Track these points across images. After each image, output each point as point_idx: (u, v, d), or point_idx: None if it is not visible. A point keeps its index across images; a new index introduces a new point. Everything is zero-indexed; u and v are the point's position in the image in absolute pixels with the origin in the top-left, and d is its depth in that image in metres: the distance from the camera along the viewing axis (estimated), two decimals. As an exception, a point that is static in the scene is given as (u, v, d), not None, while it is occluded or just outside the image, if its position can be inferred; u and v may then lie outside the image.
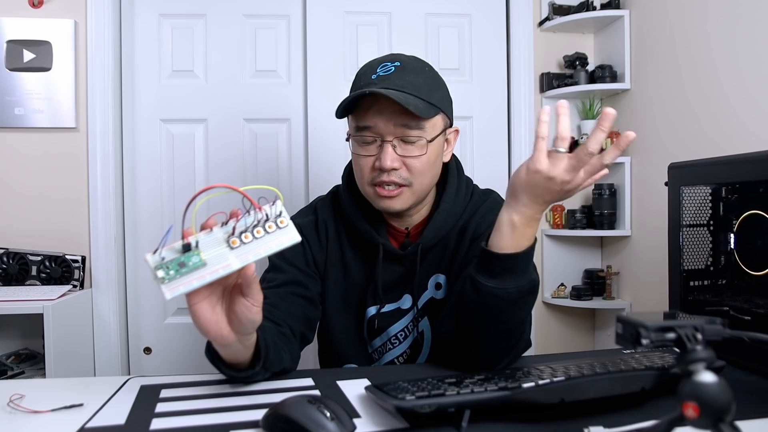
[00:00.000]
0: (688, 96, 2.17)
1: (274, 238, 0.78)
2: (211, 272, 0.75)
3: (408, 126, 1.15)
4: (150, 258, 0.74)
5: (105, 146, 2.39)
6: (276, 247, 0.78)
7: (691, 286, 1.19)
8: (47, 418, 0.83)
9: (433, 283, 1.26)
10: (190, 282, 0.74)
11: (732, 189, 1.12)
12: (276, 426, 0.76)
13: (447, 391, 0.77)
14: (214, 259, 0.76)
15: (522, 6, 2.66)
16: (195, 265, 0.75)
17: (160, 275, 0.73)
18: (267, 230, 0.78)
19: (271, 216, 0.79)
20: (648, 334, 0.59)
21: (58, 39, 2.35)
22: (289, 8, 2.55)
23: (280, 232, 0.79)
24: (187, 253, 0.75)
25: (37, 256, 2.28)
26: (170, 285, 0.73)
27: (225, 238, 0.77)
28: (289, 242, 0.79)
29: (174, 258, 0.75)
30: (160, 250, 0.75)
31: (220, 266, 0.76)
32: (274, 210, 0.79)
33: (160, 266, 0.74)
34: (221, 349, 0.89)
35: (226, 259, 0.76)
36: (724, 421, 0.54)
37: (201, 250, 0.76)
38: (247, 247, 0.77)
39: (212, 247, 0.77)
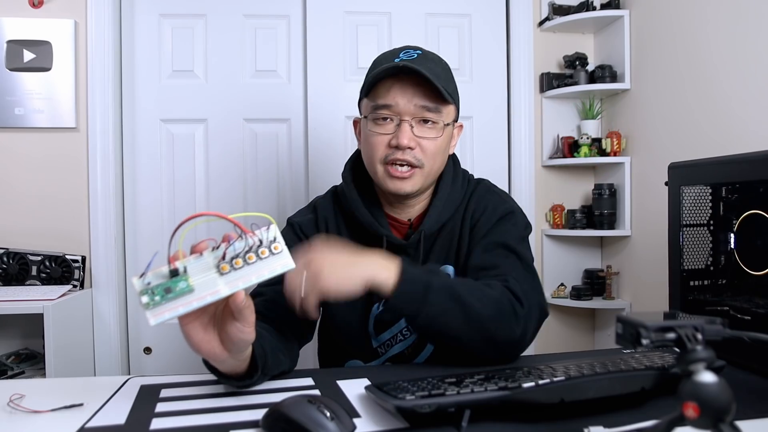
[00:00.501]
0: (688, 96, 2.17)
1: (266, 265, 0.76)
2: (198, 299, 0.73)
3: (427, 108, 1.19)
4: (136, 282, 0.72)
5: (105, 146, 2.39)
6: (268, 274, 0.75)
7: (691, 286, 1.19)
8: (47, 418, 0.83)
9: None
10: (176, 308, 0.72)
11: (732, 189, 1.12)
12: (276, 426, 0.75)
13: (447, 391, 0.77)
14: (202, 285, 0.73)
15: (522, 6, 2.66)
16: (182, 291, 0.72)
17: (144, 301, 0.71)
18: (260, 256, 0.75)
19: (265, 241, 0.76)
20: (648, 334, 0.59)
21: (58, 39, 2.35)
22: (289, 8, 2.56)
23: (273, 259, 0.76)
24: (174, 278, 0.73)
25: (38, 256, 2.28)
26: (155, 311, 0.71)
27: (215, 264, 0.75)
28: (283, 269, 0.76)
29: (160, 283, 0.72)
30: (146, 275, 0.72)
31: (208, 293, 0.73)
32: (268, 235, 0.76)
33: (145, 291, 0.72)
34: (216, 364, 0.88)
35: (215, 286, 0.74)
36: (724, 421, 0.54)
37: (189, 276, 0.73)
38: (237, 274, 0.74)
39: (201, 272, 0.74)
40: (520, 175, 2.66)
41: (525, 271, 1.18)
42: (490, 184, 1.36)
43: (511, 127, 2.68)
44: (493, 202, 1.28)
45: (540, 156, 2.73)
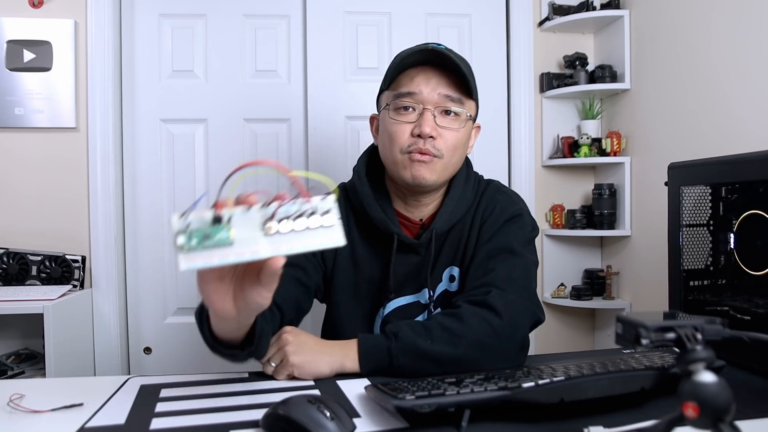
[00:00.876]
0: (688, 96, 2.17)
1: (315, 236, 0.70)
2: (236, 254, 0.66)
3: (451, 98, 1.19)
4: (175, 221, 0.65)
5: (105, 146, 2.39)
6: (314, 245, 0.69)
7: (691, 286, 1.19)
8: (47, 418, 0.83)
9: (447, 275, 1.26)
10: (211, 258, 0.65)
11: (732, 189, 1.12)
12: (276, 426, 0.75)
13: (447, 391, 0.77)
14: (243, 240, 0.67)
15: (522, 6, 2.66)
16: (221, 241, 0.66)
17: (180, 242, 0.65)
18: (310, 225, 0.69)
19: (319, 210, 0.70)
20: (648, 334, 0.59)
21: (58, 39, 2.35)
22: (289, 8, 2.56)
23: (323, 231, 0.70)
24: (216, 225, 0.67)
25: (37, 256, 2.28)
26: (189, 255, 0.65)
27: (261, 221, 0.69)
28: (331, 244, 0.70)
29: (200, 227, 0.66)
30: (188, 215, 0.66)
31: (247, 250, 0.67)
32: (324, 205, 0.71)
33: (183, 231, 0.65)
34: (215, 320, 0.86)
35: (256, 244, 0.68)
36: (724, 421, 0.54)
37: (232, 227, 0.67)
38: (282, 238, 0.68)
39: (245, 226, 0.68)
40: (520, 175, 2.66)
41: (520, 277, 1.15)
42: (500, 184, 1.34)
43: (511, 127, 2.68)
44: (501, 203, 1.27)
45: (540, 156, 2.73)
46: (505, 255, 1.18)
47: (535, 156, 2.71)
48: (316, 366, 1.01)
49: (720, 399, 0.54)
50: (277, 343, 1.04)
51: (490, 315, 1.05)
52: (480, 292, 1.11)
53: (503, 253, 1.18)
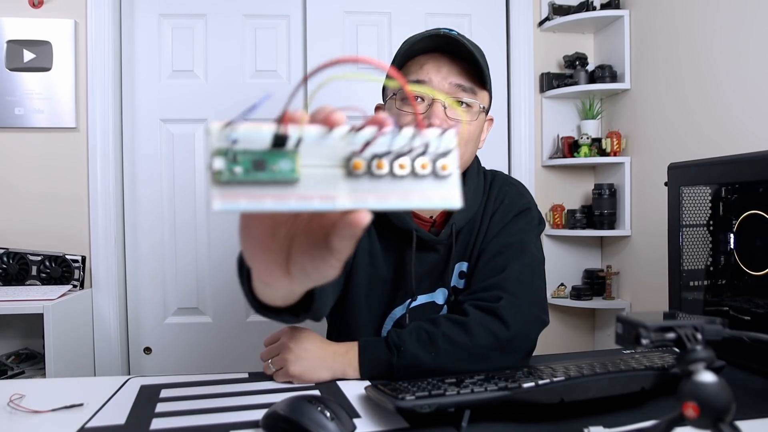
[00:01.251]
0: (688, 96, 2.17)
1: (421, 188, 0.46)
2: (300, 197, 0.44)
3: (463, 88, 1.12)
4: (214, 131, 0.42)
5: (105, 146, 2.39)
6: (418, 202, 0.46)
7: (691, 286, 1.19)
8: (47, 418, 0.83)
9: (457, 271, 1.21)
10: (262, 199, 0.43)
11: (732, 189, 1.12)
12: (276, 426, 0.75)
13: (447, 391, 0.77)
14: (314, 178, 0.44)
15: (522, 6, 2.66)
16: (281, 175, 0.43)
17: (217, 166, 0.41)
18: (416, 170, 0.46)
19: (433, 150, 0.47)
20: (648, 334, 0.59)
21: (58, 39, 2.35)
22: (289, 8, 2.56)
23: (434, 183, 0.47)
24: (276, 149, 0.43)
25: (38, 256, 2.28)
26: (227, 190, 0.42)
27: (346, 155, 0.45)
28: (443, 204, 0.46)
29: (252, 149, 0.43)
30: (235, 126, 0.42)
31: (317, 194, 0.44)
32: (442, 143, 0.47)
33: (223, 151, 0.42)
34: (259, 285, 0.66)
35: (333, 188, 0.45)
36: (724, 421, 0.54)
37: (300, 155, 0.44)
38: (373, 183, 0.46)
39: (319, 158, 0.45)
40: (520, 175, 2.66)
41: (529, 278, 1.12)
42: (505, 175, 1.30)
43: (511, 127, 2.69)
44: (510, 196, 1.23)
45: (540, 156, 2.73)
46: (514, 252, 1.14)
47: (535, 156, 2.71)
48: (316, 375, 1.00)
49: (720, 399, 0.54)
50: (277, 348, 1.02)
51: (498, 326, 1.02)
52: (489, 296, 1.08)
53: (512, 249, 1.15)
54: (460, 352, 1.00)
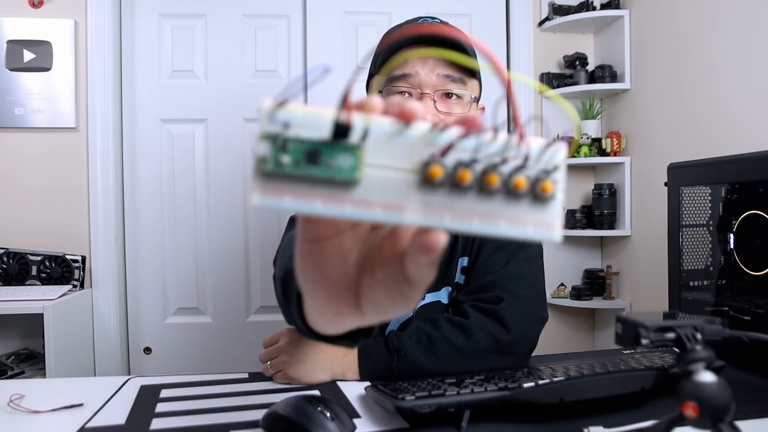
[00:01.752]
0: (688, 96, 2.18)
1: (513, 211, 0.38)
2: (358, 203, 0.36)
3: (452, 79, 1.08)
4: (266, 109, 0.35)
5: (105, 146, 2.39)
6: (507, 228, 0.37)
7: (691, 286, 1.19)
8: (47, 418, 0.83)
9: (459, 267, 1.19)
10: (310, 198, 0.35)
11: (731, 189, 1.13)
12: (276, 426, 0.76)
13: (447, 392, 0.77)
14: (378, 181, 0.36)
15: (522, 6, 2.67)
16: (338, 173, 0.35)
17: (261, 152, 0.34)
18: (511, 188, 0.37)
19: (535, 164, 0.39)
20: (648, 334, 0.59)
21: (59, 39, 2.35)
22: (289, 8, 2.56)
23: (531, 206, 0.38)
24: (337, 141, 0.36)
25: (38, 256, 2.28)
26: (271, 183, 0.35)
27: (422, 158, 0.37)
28: (538, 235, 0.38)
29: (306, 136, 0.35)
30: (289, 105, 0.35)
31: (380, 202, 0.36)
32: (549, 158, 0.39)
33: (271, 136, 0.35)
34: (319, 320, 0.52)
35: (401, 197, 0.36)
36: (724, 421, 0.54)
37: (365, 152, 0.36)
38: (452, 198, 0.37)
39: (389, 158, 0.36)
40: (520, 175, 2.67)
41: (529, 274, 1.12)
42: None
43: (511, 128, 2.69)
44: None
45: (540, 156, 2.73)
46: (513, 247, 1.14)
47: (535, 156, 2.71)
48: (315, 377, 1.00)
49: (720, 399, 0.55)
50: (275, 350, 1.02)
51: (498, 330, 1.02)
52: (489, 297, 1.07)
53: (511, 244, 1.13)
54: (461, 355, 1.00)
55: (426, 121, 0.37)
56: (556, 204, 0.38)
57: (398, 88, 1.07)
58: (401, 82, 1.07)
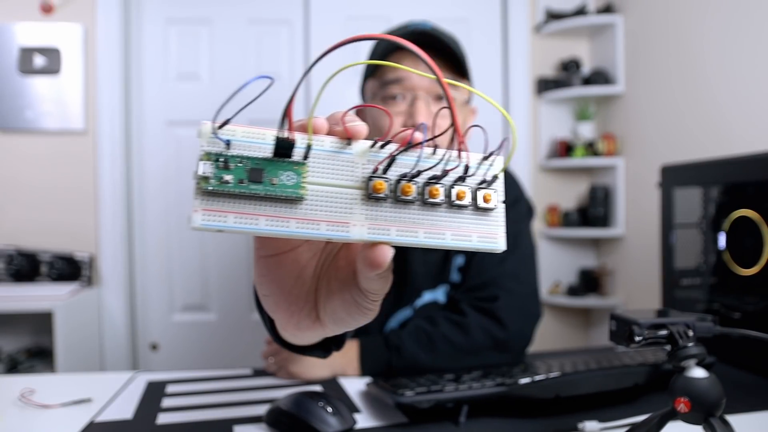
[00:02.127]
0: (681, 99, 2.20)
1: (456, 222, 0.38)
2: (303, 221, 0.36)
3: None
4: (206, 131, 0.36)
5: (113, 148, 2.41)
6: (452, 240, 0.38)
7: (683, 285, 1.20)
8: (57, 413, 0.84)
9: (455, 265, 1.20)
10: (254, 218, 0.35)
11: (723, 190, 1.14)
12: (278, 421, 0.77)
13: (445, 387, 0.78)
14: (322, 198, 0.36)
15: (518, 11, 2.68)
16: (281, 190, 0.35)
17: (203, 171, 0.35)
18: (452, 199, 0.38)
19: (476, 175, 0.39)
20: (641, 331, 0.59)
21: (68, 44, 2.37)
22: (292, 13, 2.58)
23: (473, 217, 0.39)
24: (280, 157, 0.36)
25: (47, 255, 2.31)
26: (213, 203, 0.35)
27: (365, 174, 0.37)
28: (482, 245, 0.39)
29: (248, 154, 0.36)
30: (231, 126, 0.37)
31: (325, 219, 0.36)
32: (487, 169, 0.39)
33: (213, 156, 0.35)
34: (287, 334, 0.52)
35: (346, 213, 0.37)
36: (715, 416, 0.55)
37: (308, 169, 0.36)
38: (397, 211, 0.37)
39: (332, 174, 0.37)
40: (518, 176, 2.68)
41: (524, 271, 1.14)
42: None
43: (508, 130, 2.70)
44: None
45: (536, 158, 2.75)
46: (508, 245, 1.13)
47: (532, 158, 2.73)
48: (316, 373, 1.01)
49: (711, 394, 0.56)
50: (278, 347, 1.02)
51: (496, 328, 1.05)
52: (486, 295, 1.09)
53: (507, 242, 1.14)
54: (458, 352, 1.03)
55: (365, 134, 0.38)
56: (498, 213, 0.39)
57: (391, 92, 1.08)
58: (394, 86, 1.08)
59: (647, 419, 0.60)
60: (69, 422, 0.80)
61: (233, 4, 2.54)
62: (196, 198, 0.34)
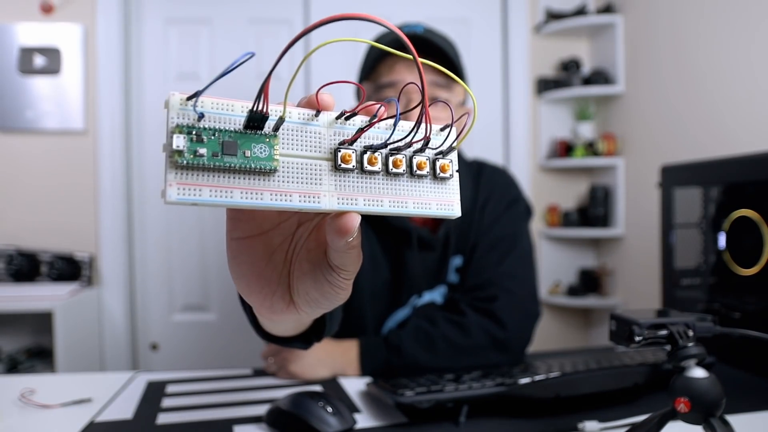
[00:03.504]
0: (681, 99, 2.20)
1: (418, 192, 0.41)
2: (276, 192, 0.37)
3: (438, 84, 1.08)
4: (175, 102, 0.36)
5: (113, 148, 2.42)
6: (414, 208, 0.40)
7: (683, 285, 1.20)
8: (57, 413, 0.84)
9: (452, 266, 1.20)
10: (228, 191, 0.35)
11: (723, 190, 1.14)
12: (278, 421, 0.77)
13: (445, 387, 0.78)
14: (294, 169, 0.38)
15: (518, 11, 2.69)
16: (254, 162, 0.36)
17: (177, 144, 0.34)
18: (414, 170, 0.41)
19: (433, 147, 0.42)
20: (641, 331, 0.59)
21: (68, 44, 2.38)
22: (292, 13, 2.58)
23: (432, 185, 0.41)
24: (252, 130, 0.37)
25: (47, 255, 2.31)
26: (187, 177, 0.34)
27: (333, 145, 0.39)
28: (440, 212, 0.41)
29: (221, 127, 0.36)
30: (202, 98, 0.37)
31: (297, 191, 0.37)
32: (443, 141, 0.42)
33: (186, 128, 0.35)
34: (263, 319, 0.56)
35: (315, 184, 0.38)
36: (715, 416, 0.55)
37: (279, 141, 0.38)
38: (364, 181, 0.39)
39: (302, 146, 0.39)
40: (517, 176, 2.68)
41: (522, 271, 1.15)
42: (491, 165, 1.28)
43: (508, 130, 2.71)
44: (500, 186, 1.23)
45: (536, 158, 2.75)
46: (507, 246, 1.15)
47: (532, 158, 2.73)
48: (316, 373, 1.01)
49: (711, 394, 0.56)
50: (278, 347, 1.02)
51: (495, 328, 1.05)
52: (485, 295, 1.10)
53: (505, 243, 1.16)
54: (458, 352, 1.03)
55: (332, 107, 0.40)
56: (454, 182, 0.42)
57: (386, 96, 1.08)
58: (388, 89, 1.09)
59: (647, 419, 0.60)
60: (69, 422, 0.80)
61: (233, 4, 2.55)
62: (170, 172, 0.34)
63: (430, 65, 0.41)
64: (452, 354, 1.03)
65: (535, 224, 2.75)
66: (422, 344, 1.03)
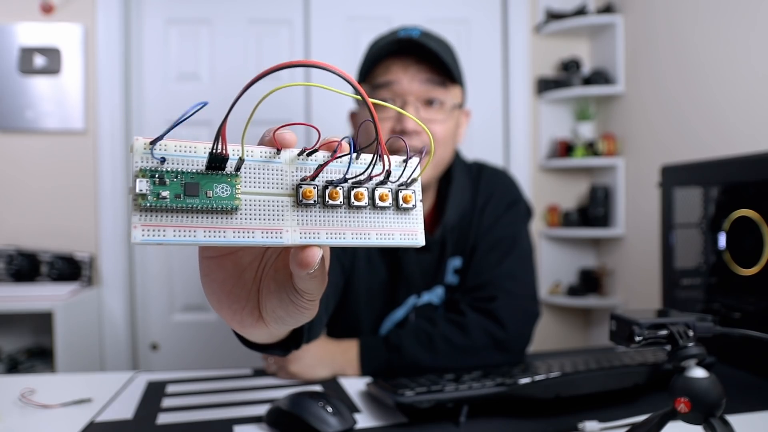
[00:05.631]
0: (681, 99, 2.20)
1: (381, 223, 0.42)
2: (239, 230, 0.38)
3: (433, 86, 1.09)
4: (139, 147, 0.36)
5: (113, 148, 2.42)
6: (377, 239, 0.42)
7: (683, 285, 1.20)
8: (57, 413, 0.84)
9: (451, 267, 1.20)
10: (191, 230, 0.37)
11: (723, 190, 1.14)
12: (279, 421, 0.77)
13: (445, 387, 0.78)
14: (256, 207, 0.39)
15: (518, 11, 2.69)
16: (216, 202, 0.37)
17: (140, 188, 0.35)
18: (377, 202, 0.42)
19: (396, 180, 0.43)
20: (641, 331, 0.59)
21: (68, 44, 2.38)
22: (293, 13, 2.58)
23: (395, 216, 0.42)
24: (214, 171, 0.38)
25: (47, 255, 2.31)
26: (151, 218, 0.36)
27: (295, 181, 0.40)
28: (404, 242, 0.43)
29: (183, 169, 0.37)
30: (163, 142, 0.37)
31: (259, 228, 0.39)
32: (406, 172, 0.43)
33: (147, 173, 0.36)
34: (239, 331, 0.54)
35: (278, 220, 0.39)
36: (715, 416, 0.55)
37: (241, 180, 0.39)
38: (325, 215, 0.41)
39: (264, 184, 0.40)
40: (518, 176, 2.68)
41: (522, 272, 1.15)
42: (490, 166, 1.28)
43: (508, 130, 2.71)
44: (499, 188, 1.23)
45: (536, 158, 2.75)
46: (506, 247, 1.16)
47: (532, 158, 2.73)
48: (316, 373, 1.01)
49: (711, 394, 0.56)
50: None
51: (495, 328, 1.06)
52: (485, 296, 1.10)
53: (504, 244, 1.16)
54: (458, 352, 1.03)
55: (294, 144, 0.41)
56: (417, 212, 0.43)
57: (382, 97, 1.09)
58: (384, 90, 1.10)
59: (647, 419, 0.60)
60: (69, 422, 0.80)
61: (233, 4, 2.55)
62: (135, 214, 0.35)
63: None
64: (452, 354, 1.03)
65: (536, 224, 2.75)
66: (422, 344, 1.03)
